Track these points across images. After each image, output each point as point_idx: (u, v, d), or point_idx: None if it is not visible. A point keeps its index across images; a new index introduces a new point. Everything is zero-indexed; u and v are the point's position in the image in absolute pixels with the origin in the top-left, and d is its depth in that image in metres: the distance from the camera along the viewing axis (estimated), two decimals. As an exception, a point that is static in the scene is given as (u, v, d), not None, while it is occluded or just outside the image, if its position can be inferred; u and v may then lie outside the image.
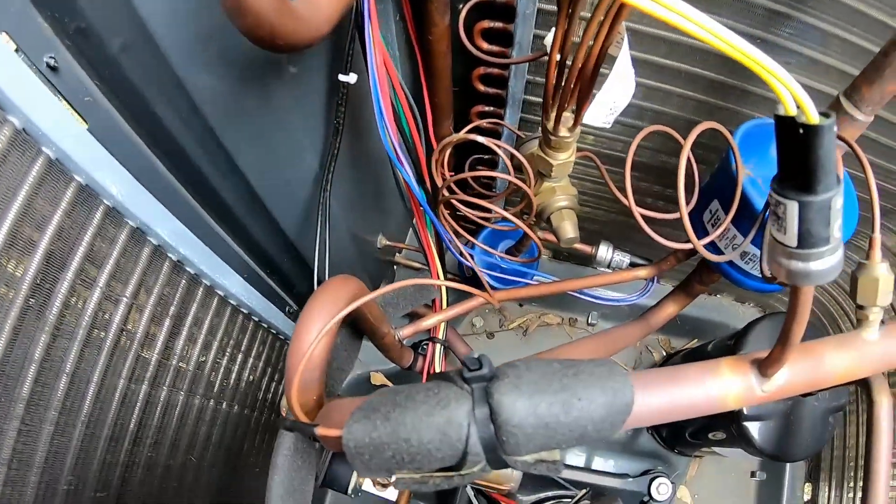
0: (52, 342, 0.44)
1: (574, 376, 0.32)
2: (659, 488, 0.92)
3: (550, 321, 1.24)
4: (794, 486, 1.10)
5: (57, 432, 0.47)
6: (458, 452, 0.31)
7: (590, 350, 0.69)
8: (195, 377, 0.66)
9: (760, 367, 0.39)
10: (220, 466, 0.75)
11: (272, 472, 0.49)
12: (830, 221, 0.28)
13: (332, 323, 0.41)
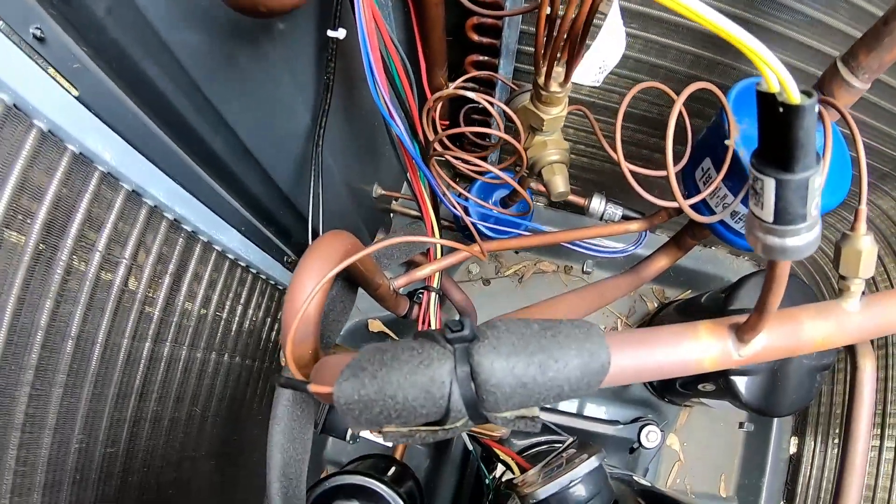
0: (56, 308, 0.47)
1: (552, 338, 0.35)
2: (648, 436, 0.97)
3: (546, 268, 1.27)
4: (781, 438, 1.16)
5: (66, 394, 0.50)
6: (442, 409, 0.35)
7: (581, 302, 0.72)
8: (197, 331, 0.69)
9: (738, 332, 0.41)
10: (224, 416, 0.80)
11: (273, 422, 0.53)
12: (808, 200, 0.30)
13: (324, 282, 0.44)
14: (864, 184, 0.42)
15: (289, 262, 0.91)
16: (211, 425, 0.76)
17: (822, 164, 0.32)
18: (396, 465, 0.80)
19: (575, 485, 0.45)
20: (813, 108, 0.26)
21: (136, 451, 0.63)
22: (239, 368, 0.82)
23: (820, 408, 1.08)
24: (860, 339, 0.46)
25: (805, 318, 0.43)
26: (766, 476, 1.14)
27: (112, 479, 0.59)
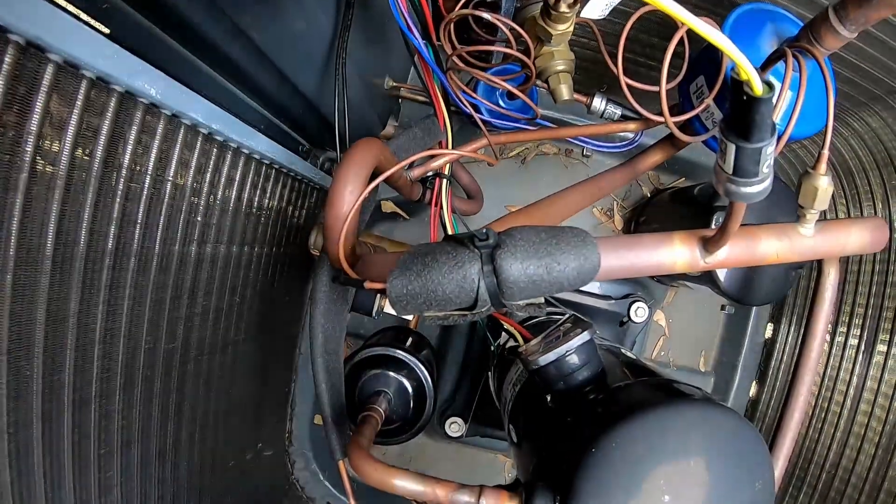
0: (119, 232, 0.59)
1: (555, 245, 0.50)
2: (637, 311, 1.12)
3: (547, 151, 1.40)
4: (758, 324, 1.35)
5: (133, 305, 0.64)
6: (471, 299, 0.50)
7: (581, 197, 0.86)
8: (233, 229, 0.83)
9: (705, 244, 0.56)
10: (258, 301, 0.96)
11: (313, 306, 0.68)
12: (760, 162, 0.44)
13: (364, 194, 0.58)
14: (829, 130, 0.53)
15: (303, 150, 1.04)
16: (248, 311, 0.93)
17: (795, 109, 0.46)
18: (413, 335, 1.00)
19: (570, 354, 0.58)
20: (770, 101, 0.39)
21: (191, 344, 0.78)
22: (269, 257, 0.97)
23: (796, 299, 1.26)
24: (810, 258, 0.60)
25: (763, 237, 0.57)
26: (741, 356, 1.34)
27: (173, 371, 0.75)
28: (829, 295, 0.67)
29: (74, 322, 0.54)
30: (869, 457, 0.98)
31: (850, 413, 1.04)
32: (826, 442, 1.08)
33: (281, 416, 1.27)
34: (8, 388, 0.47)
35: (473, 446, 1.33)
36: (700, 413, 0.52)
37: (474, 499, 0.54)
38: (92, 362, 0.58)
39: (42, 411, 0.52)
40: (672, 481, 0.50)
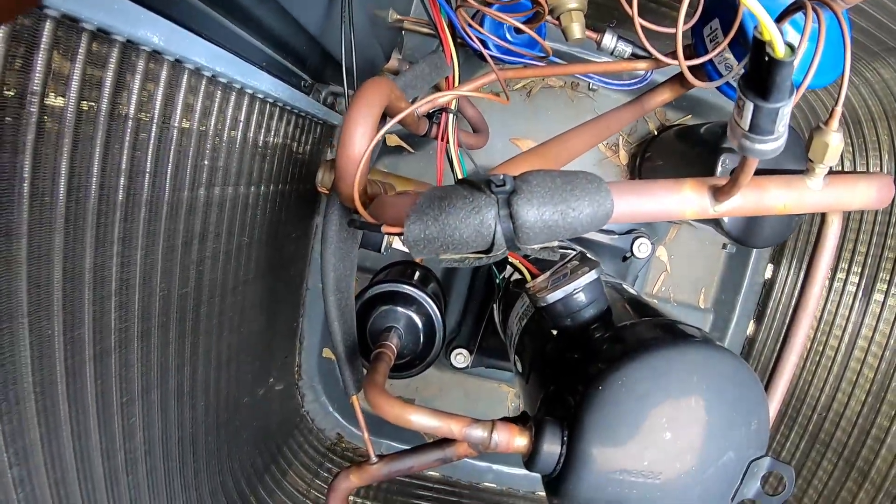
0: (129, 183, 0.60)
1: (570, 191, 0.51)
2: (640, 247, 1.14)
3: (553, 84, 1.39)
4: (758, 264, 1.37)
5: (146, 254, 0.64)
6: (488, 243, 0.51)
7: (590, 136, 0.87)
8: (239, 171, 0.84)
9: (715, 193, 0.57)
10: (265, 240, 0.97)
11: (324, 246, 0.69)
12: (777, 121, 0.44)
13: (378, 138, 0.58)
14: (844, 87, 0.53)
15: (305, 85, 1.04)
16: (256, 251, 0.94)
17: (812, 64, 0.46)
18: (420, 269, 1.02)
19: (577, 293, 0.60)
20: (791, 64, 0.39)
21: (203, 287, 0.79)
22: (275, 195, 0.98)
23: (797, 242, 1.27)
24: (816, 211, 0.61)
25: (772, 188, 0.58)
26: (741, 295, 1.37)
27: (187, 315, 0.76)
28: (831, 243, 0.69)
29: (90, 277, 0.55)
30: (859, 402, 1.01)
31: (844, 358, 1.07)
32: (819, 385, 1.11)
33: (290, 351, 1.30)
34: (31, 349, 0.49)
35: (478, 377, 1.36)
36: (701, 354, 0.54)
37: (487, 433, 0.56)
38: (109, 314, 0.59)
39: (65, 368, 0.53)
40: (673, 419, 0.52)
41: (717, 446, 0.54)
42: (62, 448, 0.56)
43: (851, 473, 0.99)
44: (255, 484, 1.09)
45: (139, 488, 0.71)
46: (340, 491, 0.73)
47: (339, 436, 1.38)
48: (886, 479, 0.92)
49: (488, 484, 1.39)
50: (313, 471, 1.26)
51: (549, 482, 0.57)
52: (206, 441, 0.88)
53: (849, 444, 1.01)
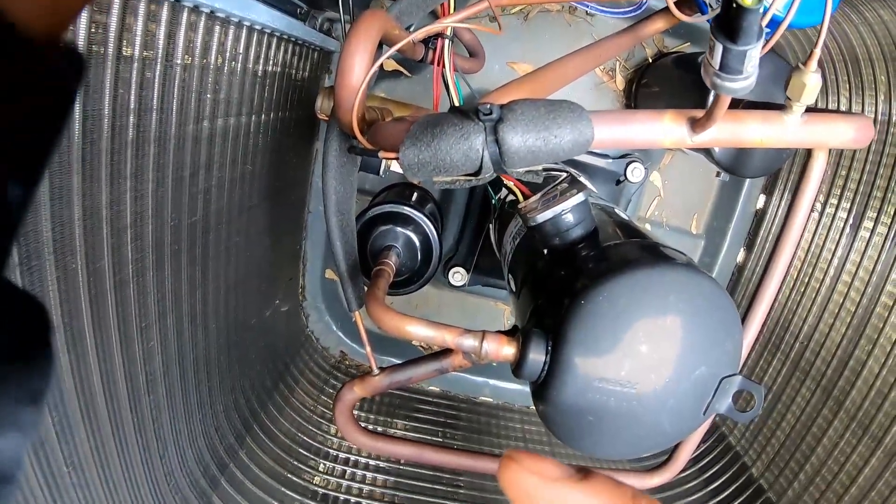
0: (138, 122, 0.63)
1: (553, 119, 0.54)
2: (633, 171, 1.16)
3: (551, 7, 1.38)
4: (751, 193, 1.39)
5: (156, 187, 0.67)
6: (476, 166, 0.56)
7: (584, 63, 0.88)
8: (240, 101, 0.87)
9: (693, 124, 0.60)
10: (267, 167, 1.01)
11: (325, 170, 0.73)
12: (745, 62, 0.48)
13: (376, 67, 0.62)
14: (823, 32, 0.54)
15: (301, 13, 1.05)
16: (259, 177, 0.98)
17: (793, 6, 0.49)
18: (418, 191, 1.06)
19: (565, 213, 0.63)
20: (756, 11, 0.42)
21: (210, 215, 0.83)
22: (274, 122, 1.00)
23: (790, 175, 1.30)
24: (794, 147, 0.65)
25: (749, 122, 0.61)
26: (732, 223, 1.39)
27: (196, 243, 0.80)
28: (816, 177, 0.71)
29: (107, 213, 0.59)
30: (839, 334, 1.04)
31: (829, 290, 1.10)
32: (802, 314, 1.15)
33: (293, 274, 1.35)
34: (58, 283, 0.53)
35: (475, 294, 1.41)
36: (680, 275, 0.58)
37: (477, 342, 0.61)
38: (126, 246, 0.63)
39: (89, 298, 0.58)
40: (650, 334, 0.56)
41: (691, 361, 0.58)
42: (89, 372, 0.61)
43: (828, 402, 1.03)
44: (265, 401, 1.16)
45: (159, 407, 0.77)
46: (345, 402, 0.79)
47: (342, 353, 1.44)
48: (860, 410, 0.96)
49: (485, 398, 1.47)
50: (319, 387, 1.33)
51: (536, 390, 0.62)
52: (219, 361, 0.93)
53: (827, 374, 1.05)
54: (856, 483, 0.93)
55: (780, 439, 1.12)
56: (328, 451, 1.18)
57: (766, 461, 1.14)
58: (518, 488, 0.25)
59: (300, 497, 1.06)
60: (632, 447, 0.62)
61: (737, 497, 1.14)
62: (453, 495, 1.15)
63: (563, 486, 0.24)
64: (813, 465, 1.03)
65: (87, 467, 0.63)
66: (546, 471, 0.25)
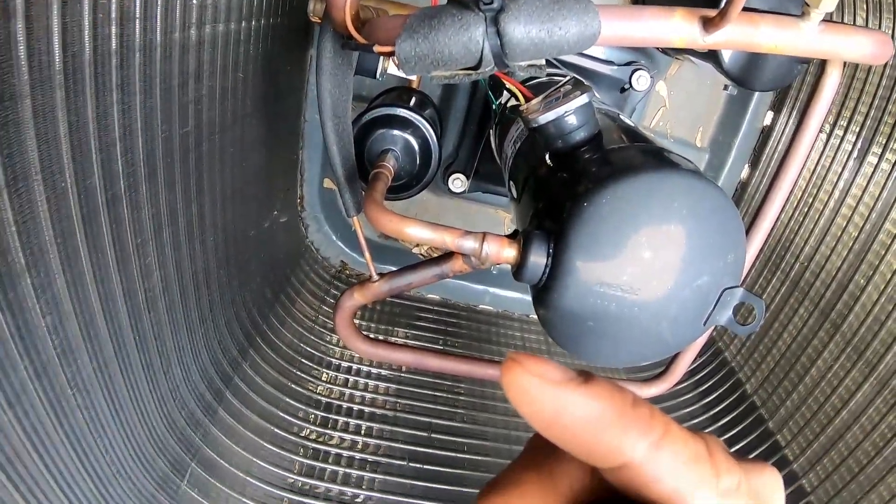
0: (121, 31, 0.58)
1: (558, 10, 0.51)
2: (639, 79, 1.12)
3: None
4: (759, 109, 1.35)
5: (145, 99, 0.64)
6: (476, 60, 0.53)
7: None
8: (228, 7, 0.82)
9: (705, 24, 0.57)
10: (260, 75, 0.97)
11: (319, 73, 0.71)
12: None
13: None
14: None
15: None
16: (251, 86, 0.94)
17: None
18: (417, 95, 1.03)
19: (568, 115, 0.61)
20: None
21: (202, 125, 0.80)
22: (266, 29, 0.96)
23: (799, 93, 1.25)
24: (808, 56, 0.62)
25: (763, 26, 0.58)
26: (738, 138, 1.36)
27: (189, 154, 0.77)
28: (828, 94, 0.70)
29: (95, 127, 0.56)
30: (840, 258, 1.03)
31: (832, 214, 1.08)
32: (805, 235, 1.13)
33: (291, 184, 1.33)
34: (48, 203, 0.51)
35: (475, 201, 1.40)
36: (686, 182, 0.56)
37: (478, 244, 0.60)
38: (116, 160, 0.61)
39: (82, 216, 0.56)
40: (653, 240, 0.55)
41: (694, 270, 0.57)
42: (87, 293, 0.59)
43: (824, 324, 1.03)
44: (266, 313, 1.16)
45: (160, 324, 0.76)
46: (346, 309, 0.78)
47: (342, 263, 1.44)
48: (856, 336, 0.96)
49: (485, 306, 1.47)
50: (320, 298, 1.33)
51: (536, 294, 0.61)
52: (218, 275, 0.92)
53: (826, 296, 1.04)
54: (847, 407, 0.94)
55: (776, 358, 1.12)
56: (330, 361, 1.19)
57: (760, 379, 1.15)
58: (519, 390, 0.24)
59: (304, 406, 1.07)
60: (632, 355, 0.62)
61: (730, 412, 1.16)
62: (454, 402, 1.17)
63: (564, 389, 0.24)
64: (806, 385, 1.04)
65: (92, 388, 0.62)
66: (548, 373, 0.24)
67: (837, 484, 0.90)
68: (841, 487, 0.90)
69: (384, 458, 1.03)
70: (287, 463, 0.97)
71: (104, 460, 0.67)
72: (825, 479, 0.93)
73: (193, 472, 0.84)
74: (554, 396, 0.24)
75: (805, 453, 0.98)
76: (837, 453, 0.93)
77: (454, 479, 1.02)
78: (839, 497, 0.89)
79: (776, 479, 0.29)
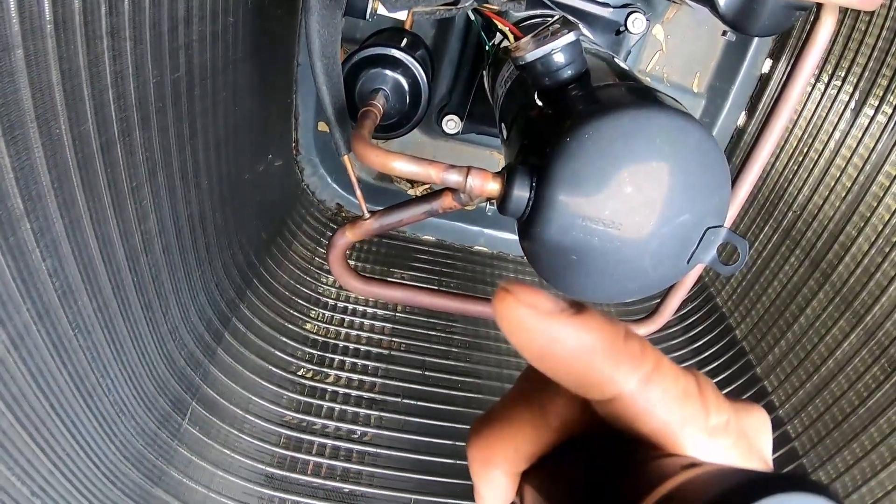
0: None
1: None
2: (634, 22, 1.10)
3: None
4: (757, 57, 1.33)
5: (134, 45, 0.64)
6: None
7: None
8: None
9: None
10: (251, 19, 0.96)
11: (308, 13, 0.71)
12: None
13: None
14: None
15: None
16: (242, 30, 0.93)
17: None
18: (408, 35, 1.03)
19: (556, 52, 0.61)
20: None
21: (194, 70, 0.79)
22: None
23: (798, 42, 1.23)
24: None
25: None
26: (735, 85, 1.34)
27: (181, 99, 0.77)
28: (821, 40, 0.70)
29: (86, 74, 0.56)
30: (833, 208, 1.03)
31: (826, 164, 1.07)
32: (798, 184, 1.13)
33: (286, 128, 1.33)
34: (44, 149, 0.51)
35: (469, 143, 1.40)
36: (672, 122, 0.57)
37: (462, 177, 0.62)
38: (109, 106, 0.61)
39: (77, 161, 0.56)
40: (635, 175, 0.56)
41: (676, 207, 0.58)
42: (85, 237, 0.60)
43: (814, 274, 1.04)
44: (263, 255, 1.18)
45: (158, 266, 0.77)
46: (338, 247, 0.80)
47: (338, 206, 1.45)
48: (845, 286, 0.97)
49: (480, 248, 1.49)
50: (316, 240, 1.35)
51: (521, 227, 0.63)
52: (214, 217, 0.93)
53: (817, 246, 1.05)
54: (833, 356, 0.96)
55: (766, 305, 1.14)
56: (327, 302, 1.21)
57: (749, 325, 1.17)
58: (511, 321, 0.24)
59: (300, 346, 1.10)
60: (616, 289, 0.63)
61: (720, 357, 1.18)
62: (447, 341, 1.19)
63: (556, 320, 0.24)
64: (794, 332, 1.05)
65: (93, 329, 0.64)
66: (540, 303, 0.24)
67: (821, 431, 0.93)
68: (824, 435, 0.92)
69: (379, 395, 1.06)
70: (284, 401, 1.01)
71: (107, 400, 0.69)
72: (809, 426, 0.95)
73: (194, 411, 0.87)
74: (546, 327, 0.24)
75: (791, 400, 1.01)
76: (822, 401, 0.95)
77: (448, 415, 1.05)
78: (822, 444, 0.92)
79: (764, 420, 0.29)
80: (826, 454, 0.90)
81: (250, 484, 0.87)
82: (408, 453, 0.98)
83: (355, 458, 0.96)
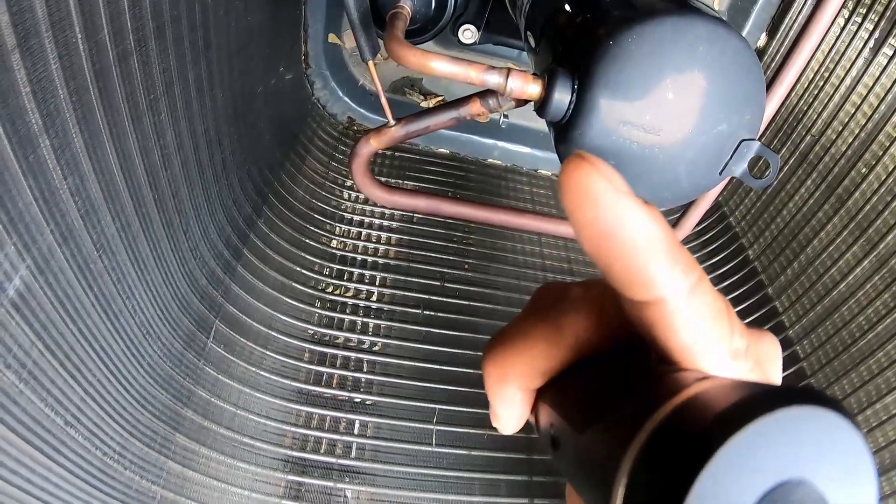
0: None
1: None
2: None
3: None
4: (753, 34, 1.27)
5: None
6: None
7: None
8: None
9: None
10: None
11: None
12: None
13: None
14: None
15: None
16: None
17: None
18: None
19: None
20: None
21: None
22: None
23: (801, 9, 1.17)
24: None
25: None
26: (758, 4, 1.25)
27: (195, 8, 0.73)
28: None
29: None
30: (852, 134, 0.99)
31: (844, 96, 1.03)
32: (818, 109, 1.08)
33: (295, 40, 1.28)
34: (61, 59, 0.48)
35: (486, 54, 1.34)
36: (714, 30, 0.55)
37: (503, 78, 0.60)
38: (124, 15, 0.58)
39: (94, 73, 0.53)
40: (677, 83, 0.55)
41: (714, 116, 0.56)
42: (105, 152, 0.58)
43: (830, 198, 1.02)
44: (278, 171, 1.15)
45: (177, 182, 0.75)
46: (362, 156, 0.78)
47: (350, 119, 1.41)
48: (860, 213, 0.95)
49: (493, 160, 1.46)
50: (329, 154, 1.32)
51: (559, 131, 0.61)
52: (229, 132, 0.90)
53: (834, 171, 1.02)
54: (845, 280, 0.94)
55: (780, 227, 1.12)
56: (343, 216, 1.20)
57: (762, 245, 1.15)
58: (583, 190, 0.21)
59: (319, 260, 1.09)
60: (649, 197, 0.62)
61: (732, 276, 1.17)
62: (465, 252, 1.18)
63: (631, 201, 0.21)
64: (807, 255, 1.04)
65: (117, 249, 0.62)
66: (616, 180, 0.21)
67: (829, 354, 0.93)
68: (832, 357, 0.92)
69: (399, 307, 1.06)
70: (306, 315, 1.00)
71: (133, 322, 0.68)
72: (818, 348, 0.95)
73: (218, 329, 0.86)
74: (617, 205, 0.21)
75: (801, 321, 1.00)
76: (832, 324, 0.94)
77: (466, 325, 1.05)
78: (830, 366, 0.92)
79: (776, 348, 0.28)
80: (833, 375, 0.90)
81: (277, 399, 0.88)
82: (430, 363, 0.98)
83: (379, 370, 0.96)
